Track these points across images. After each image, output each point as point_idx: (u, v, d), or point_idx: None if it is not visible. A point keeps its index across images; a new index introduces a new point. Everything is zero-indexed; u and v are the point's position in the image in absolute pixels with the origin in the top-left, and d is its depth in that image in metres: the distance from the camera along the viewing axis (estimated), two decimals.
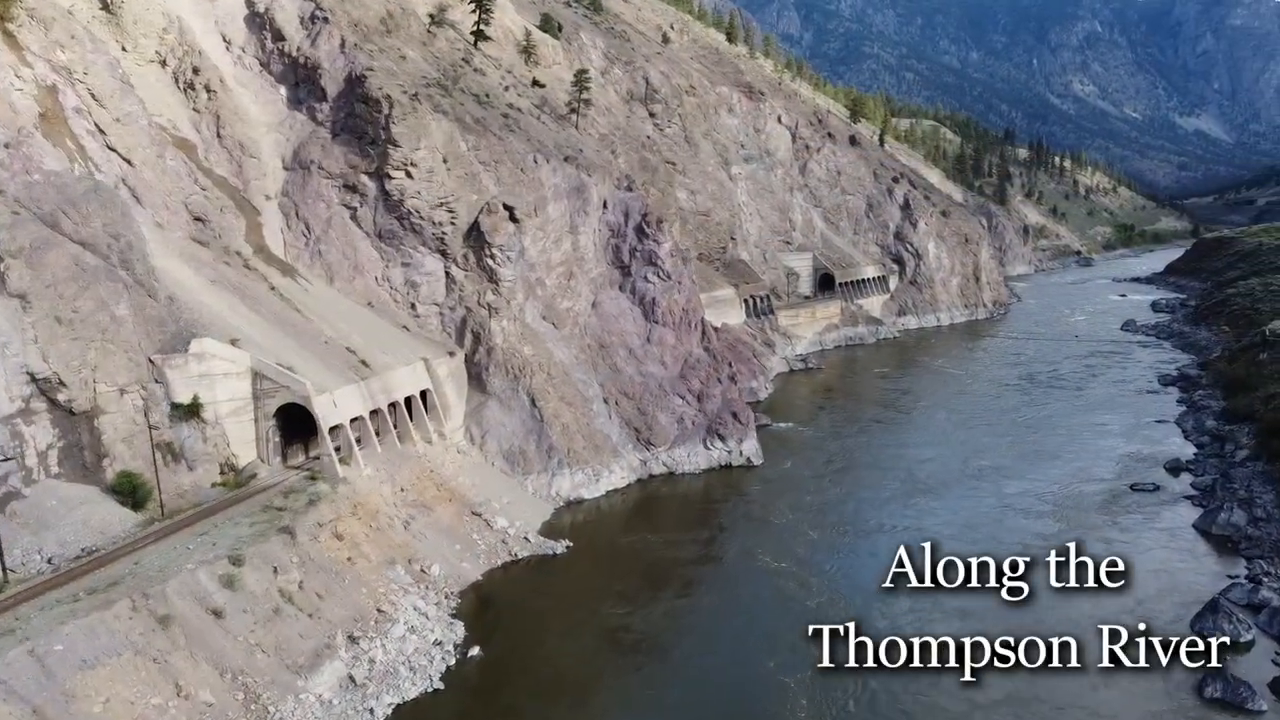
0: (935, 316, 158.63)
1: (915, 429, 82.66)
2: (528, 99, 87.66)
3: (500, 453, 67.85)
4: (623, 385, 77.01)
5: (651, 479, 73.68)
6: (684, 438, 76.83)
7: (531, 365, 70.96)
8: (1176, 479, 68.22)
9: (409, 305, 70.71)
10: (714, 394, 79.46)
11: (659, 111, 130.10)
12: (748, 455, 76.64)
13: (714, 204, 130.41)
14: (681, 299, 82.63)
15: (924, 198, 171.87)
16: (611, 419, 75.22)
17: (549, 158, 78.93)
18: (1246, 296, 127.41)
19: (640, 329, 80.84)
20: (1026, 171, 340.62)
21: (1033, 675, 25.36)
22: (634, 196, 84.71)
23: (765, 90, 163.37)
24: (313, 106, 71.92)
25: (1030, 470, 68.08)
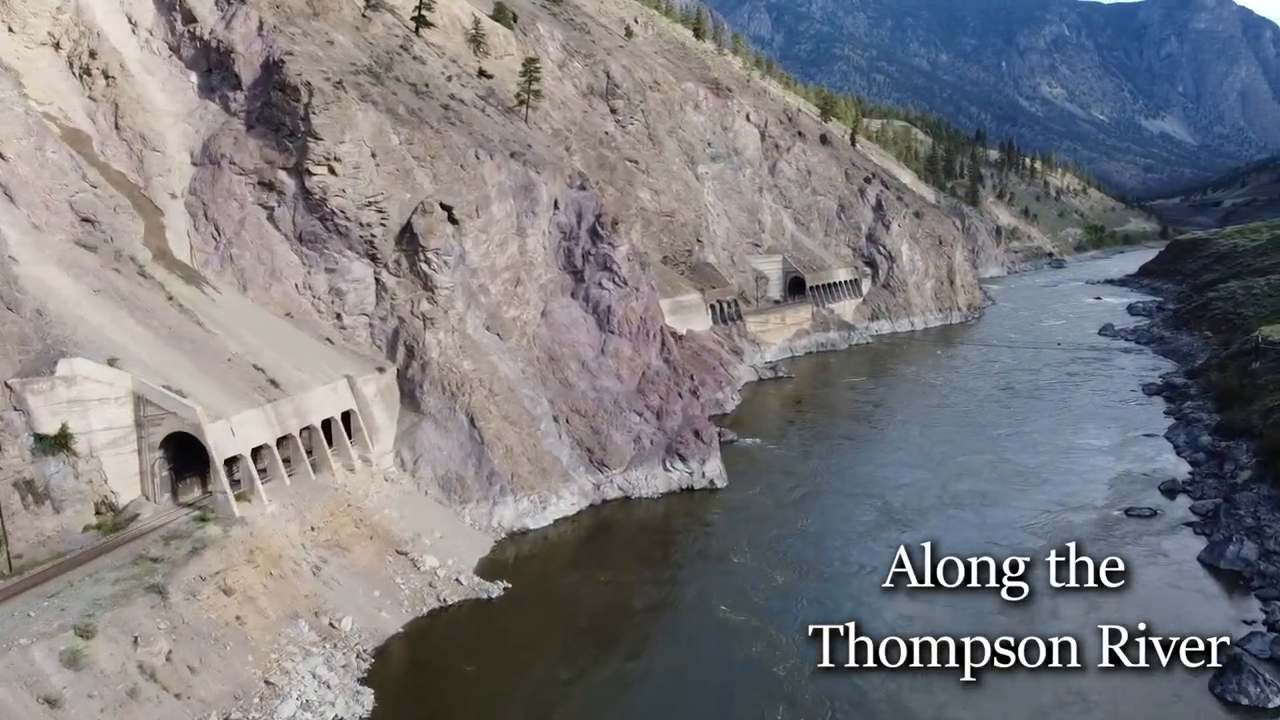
0: (909, 321, 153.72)
1: (889, 448, 76.65)
2: (473, 90, 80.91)
3: (435, 480, 61.03)
4: (574, 401, 70.48)
5: (605, 504, 67.26)
6: (641, 458, 70.45)
7: (471, 381, 64.22)
8: (1173, 502, 62.96)
9: (334, 316, 63.66)
10: (674, 410, 73.14)
11: (621, 107, 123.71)
12: (710, 477, 70.43)
13: (679, 204, 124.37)
14: (639, 306, 76.23)
15: (897, 198, 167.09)
16: (561, 439, 68.65)
17: (493, 153, 72.24)
18: (1228, 300, 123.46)
19: (594, 339, 74.34)
20: (998, 172, 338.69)
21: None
22: (588, 196, 78.22)
23: (733, 87, 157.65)
24: (226, 95, 64.66)
25: (1015, 496, 62.36)
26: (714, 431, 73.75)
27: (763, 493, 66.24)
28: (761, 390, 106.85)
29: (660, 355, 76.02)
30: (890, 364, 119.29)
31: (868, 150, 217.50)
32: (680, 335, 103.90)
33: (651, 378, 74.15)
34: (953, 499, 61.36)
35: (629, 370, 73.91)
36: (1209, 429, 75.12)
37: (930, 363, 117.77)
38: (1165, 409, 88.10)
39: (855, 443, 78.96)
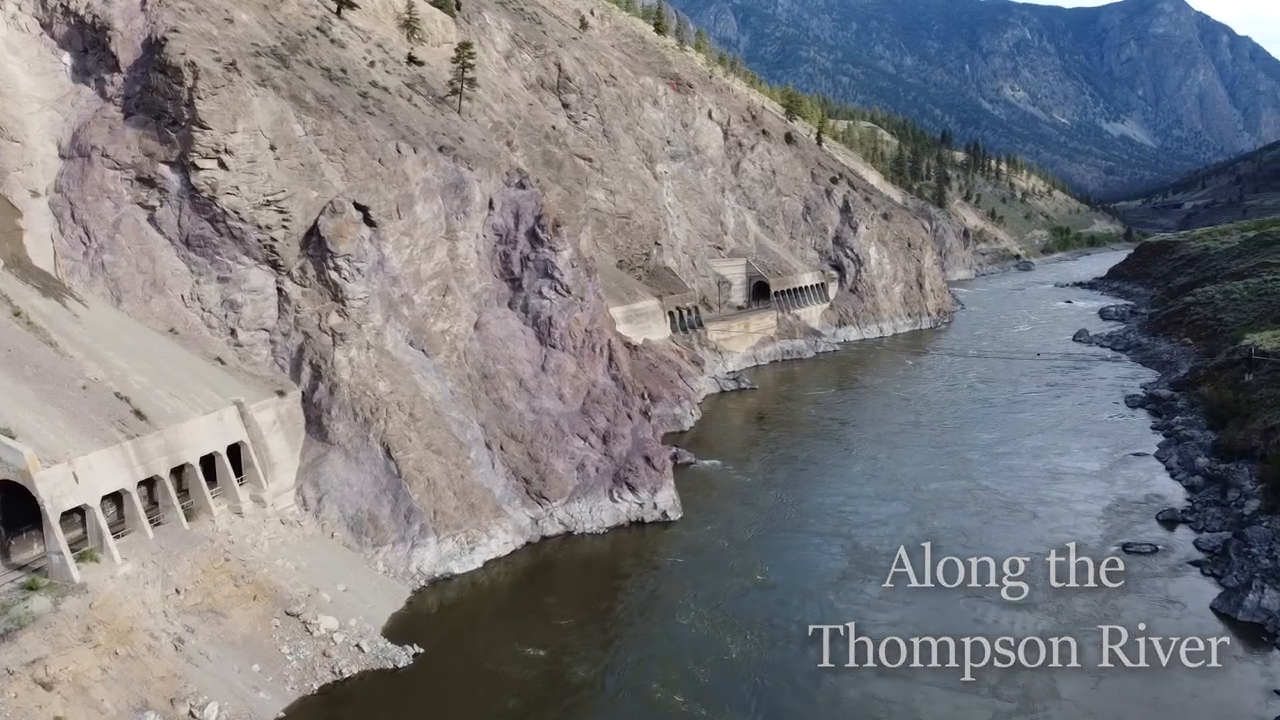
0: (878, 327, 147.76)
1: (858, 474, 69.27)
2: (399, 78, 72.91)
3: (343, 520, 53.02)
4: (510, 425, 62.81)
5: (545, 541, 59.74)
6: (585, 489, 62.97)
7: (388, 405, 56.29)
8: (1173, 534, 56.74)
9: (227, 332, 55.37)
10: (623, 433, 65.73)
11: (573, 102, 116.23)
12: (663, 509, 63.12)
13: (636, 205, 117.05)
14: (584, 317, 68.76)
15: (864, 199, 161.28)
16: (495, 469, 60.95)
17: (418, 146, 64.36)
18: (1206, 305, 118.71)
19: (534, 355, 66.72)
20: (964, 174, 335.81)
21: None
22: (528, 195, 70.58)
23: (694, 83, 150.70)
24: (103, 79, 56.12)
25: (999, 533, 55.45)
26: (667, 457, 66.43)
27: (720, 529, 58.96)
28: (723, 403, 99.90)
29: (608, 372, 68.57)
30: (858, 374, 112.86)
31: (834, 150, 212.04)
32: (635, 346, 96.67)
33: (598, 397, 66.69)
34: (928, 538, 54.02)
35: (572, 389, 66.40)
36: (1204, 448, 69.26)
37: (900, 373, 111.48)
38: (1152, 424, 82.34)
39: (821, 467, 71.86)
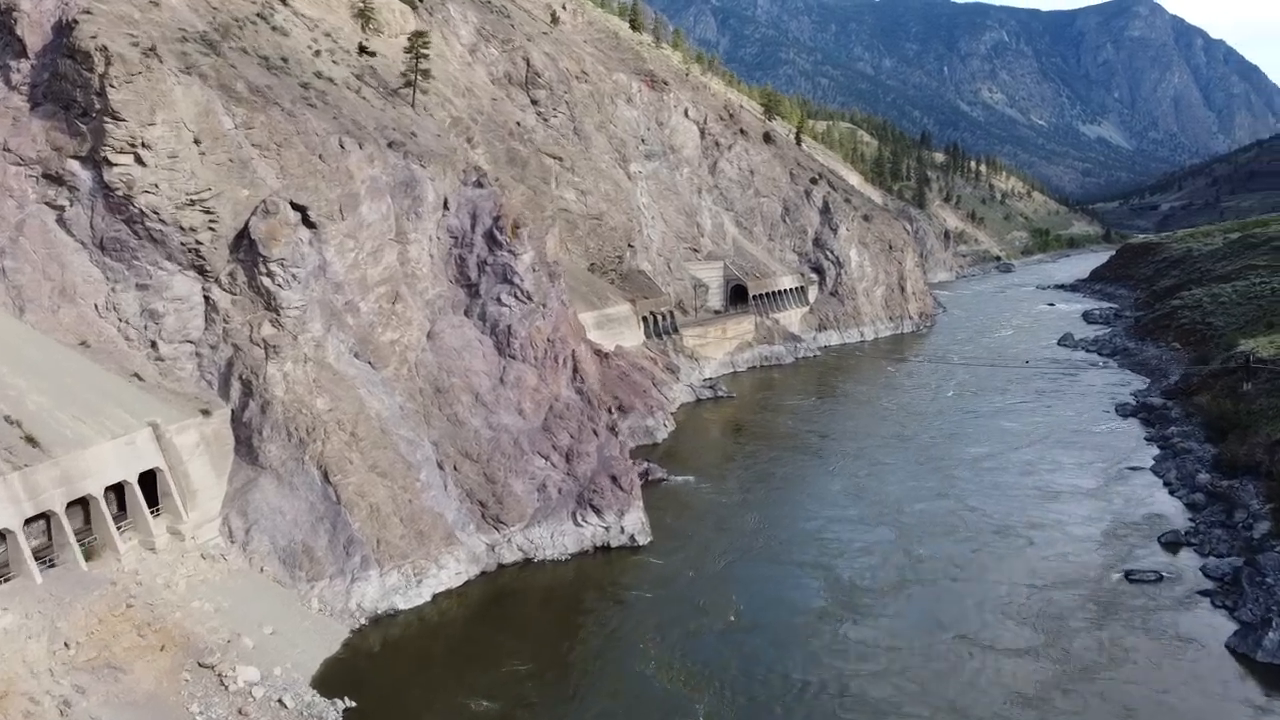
0: (859, 331, 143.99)
1: (839, 494, 64.57)
2: (348, 68, 67.91)
3: (274, 553, 48.01)
4: (465, 444, 58.01)
5: (502, 570, 55.05)
6: (547, 511, 58.26)
7: (327, 423, 51.32)
8: (1177, 558, 52.78)
9: (147, 344, 50.21)
10: (588, 451, 61.05)
11: (543, 99, 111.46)
12: (631, 532, 58.52)
13: (608, 206, 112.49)
14: (547, 326, 64.04)
15: (844, 200, 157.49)
16: (447, 491, 56.12)
17: (364, 142, 59.41)
18: (1194, 309, 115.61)
19: (492, 366, 61.93)
20: (943, 175, 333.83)
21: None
22: (485, 194, 65.79)
23: (670, 80, 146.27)
24: (7, 66, 50.79)
25: (991, 561, 50.98)
26: (635, 477, 61.77)
27: (691, 557, 54.38)
28: (699, 413, 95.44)
29: (572, 384, 63.89)
30: (839, 381, 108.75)
31: (813, 151, 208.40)
32: (606, 353, 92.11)
33: (561, 412, 61.99)
34: (915, 569, 49.72)
35: (533, 403, 61.67)
36: (1204, 463, 65.49)
37: (882, 381, 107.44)
38: (1146, 434, 78.65)
39: (800, 486, 67.35)
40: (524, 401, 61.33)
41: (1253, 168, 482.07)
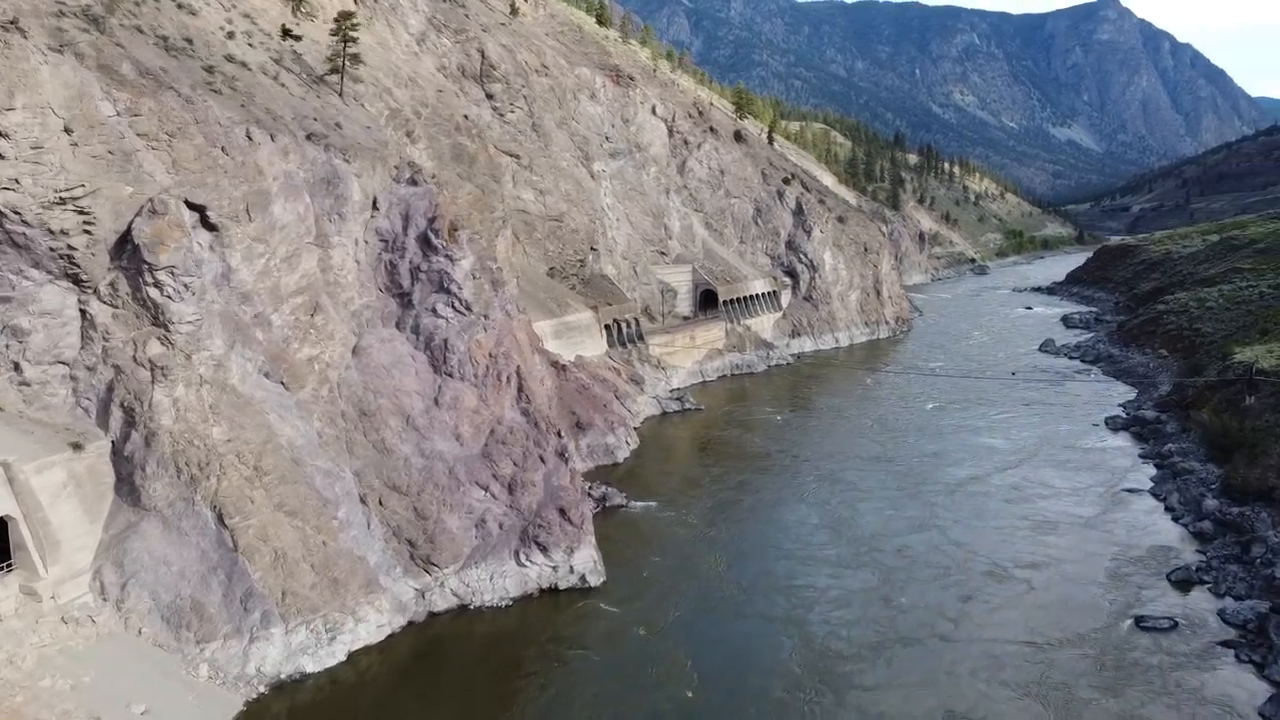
0: (833, 337, 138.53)
1: (813, 528, 57.31)
2: (266, 52, 60.85)
3: (156, 611, 41.04)
4: (393, 474, 51.26)
5: (433, 620, 48.46)
6: (486, 551, 51.67)
7: (224, 456, 44.39)
8: (1189, 598, 47.20)
9: (10, 366, 43.01)
10: (533, 480, 54.50)
11: (498, 92, 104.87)
12: (582, 572, 52.07)
13: (569, 207, 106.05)
14: (489, 339, 57.44)
15: (818, 201, 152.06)
16: (370, 530, 49.36)
17: (277, 133, 52.46)
18: (1180, 314, 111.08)
19: (426, 385, 55.23)
20: (917, 177, 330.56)
21: None
22: (420, 192, 59.07)
23: (636, 76, 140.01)
24: None
25: (984, 616, 43.98)
26: (587, 509, 55.24)
27: (647, 604, 47.92)
28: (665, 428, 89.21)
29: (517, 405, 57.30)
30: (813, 393, 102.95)
31: (786, 150, 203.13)
32: (564, 365, 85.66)
33: (503, 436, 55.40)
34: (898, 625, 43.02)
35: (472, 427, 55.04)
36: (1209, 485, 60.10)
37: (858, 393, 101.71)
38: (1140, 451, 73.36)
39: (770, 517, 60.71)
40: (462, 425, 54.69)
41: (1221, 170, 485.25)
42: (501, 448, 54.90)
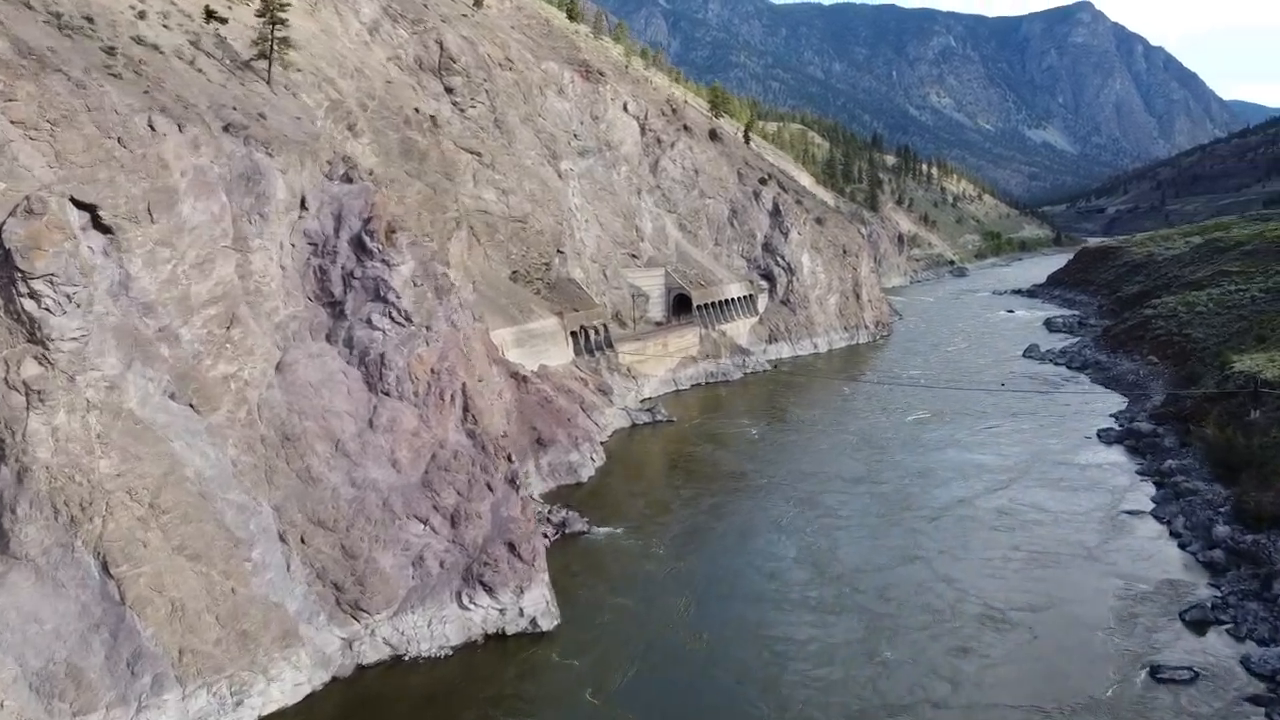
0: (812, 342, 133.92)
1: (790, 564, 50.86)
2: (184, 35, 54.90)
3: (23, 680, 35.01)
4: (318, 507, 45.47)
5: (361, 674, 42.79)
6: (424, 592, 46.03)
7: (112, 493, 38.46)
8: (1208, 642, 42.44)
9: None
10: (479, 511, 48.90)
11: (458, 86, 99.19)
12: (533, 615, 46.57)
13: (534, 207, 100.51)
14: (431, 354, 51.78)
15: (796, 202, 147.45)
16: (290, 573, 43.58)
17: (187, 123, 46.53)
18: (1170, 319, 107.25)
19: (359, 406, 49.48)
20: (895, 178, 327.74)
21: None
22: (355, 190, 53.31)
23: (607, 71, 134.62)
24: None
25: (984, 674, 37.60)
26: (539, 543, 49.70)
27: (602, 655, 42.45)
28: (633, 442, 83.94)
29: (462, 426, 51.67)
30: (791, 403, 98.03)
31: (763, 150, 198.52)
32: (525, 376, 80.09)
33: (446, 462, 49.75)
34: (886, 688, 36.70)
35: (411, 452, 49.35)
36: (1217, 509, 55.50)
37: (838, 404, 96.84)
38: (1137, 467, 68.86)
39: (744, 548, 54.91)
40: (399, 449, 48.98)
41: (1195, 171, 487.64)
42: (444, 475, 49.24)
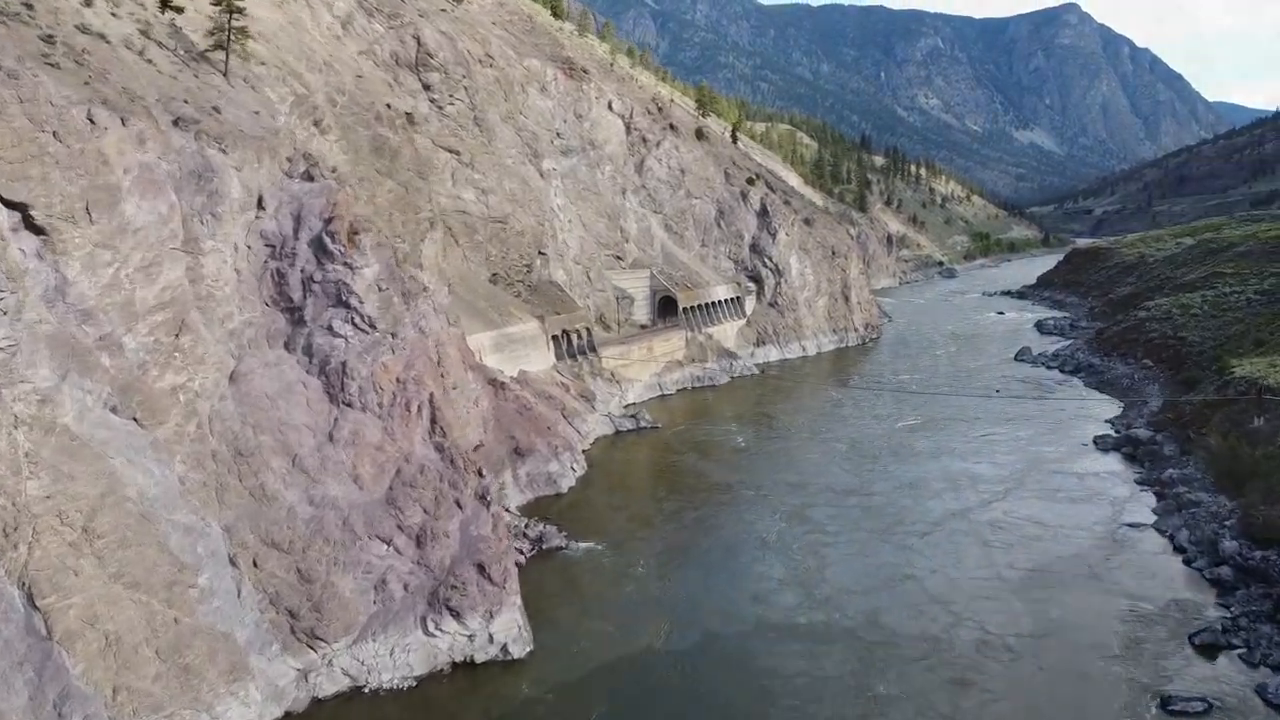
0: (800, 345, 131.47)
1: (777, 584, 47.28)
2: (134, 24, 51.76)
3: None
4: (273, 528, 42.47)
5: (318, 708, 39.89)
6: (387, 618, 43.10)
7: (39, 517, 35.38)
8: (1219, 668, 39.99)
9: None
10: (447, 530, 46.01)
11: (436, 83, 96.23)
12: (503, 641, 43.73)
13: (515, 207, 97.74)
14: (397, 363, 48.86)
15: (784, 203, 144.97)
16: (241, 599, 40.55)
17: (131, 116, 43.46)
18: (1164, 321, 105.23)
19: (319, 418, 46.49)
20: (884, 179, 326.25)
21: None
22: (316, 189, 50.32)
23: (591, 69, 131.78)
24: None
25: (986, 709, 34.32)
26: (511, 564, 46.82)
27: (579, 690, 39.62)
28: (617, 450, 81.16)
29: (429, 439, 48.76)
30: (779, 409, 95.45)
31: (750, 150, 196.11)
32: (503, 383, 77.26)
33: (412, 478, 46.82)
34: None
35: (374, 467, 46.40)
36: (1223, 522, 53.11)
37: (827, 410, 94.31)
38: (1136, 477, 66.51)
39: (729, 566, 51.79)
40: (361, 464, 46.03)
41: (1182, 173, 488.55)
42: (409, 491, 46.31)
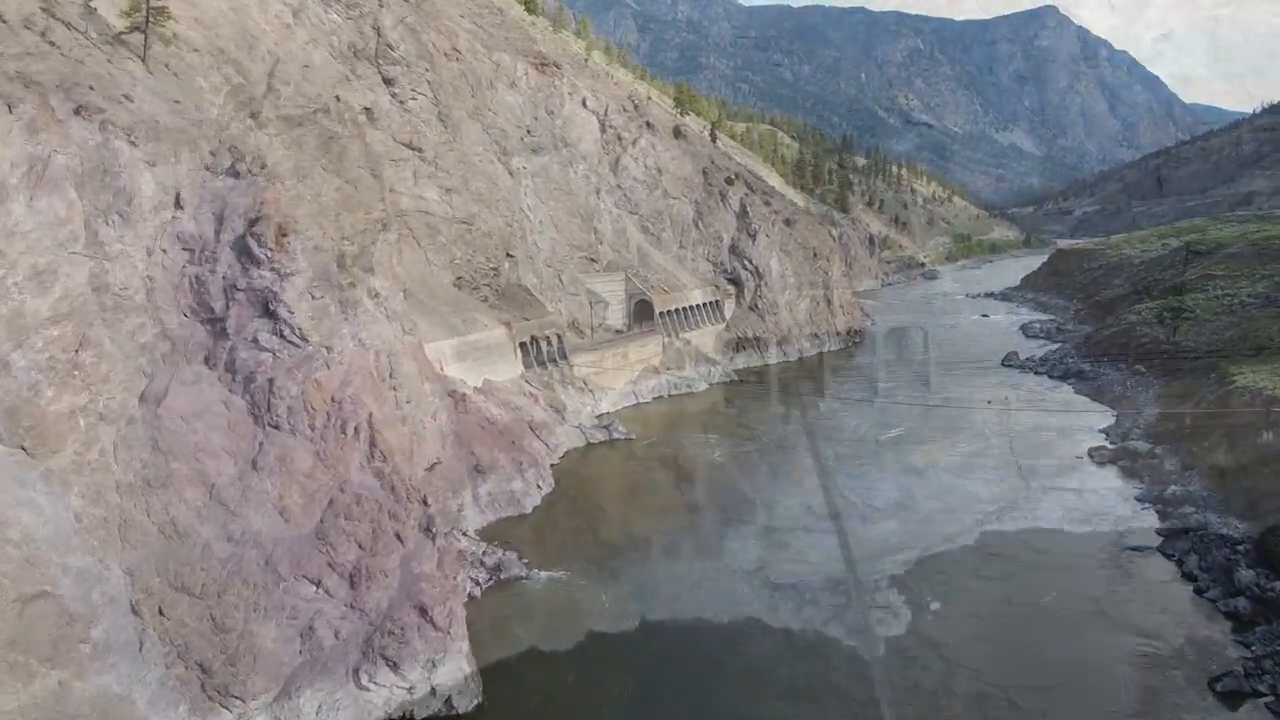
0: (781, 350, 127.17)
1: (758, 629, 42.28)
2: (35, 2, 46.54)
3: None
4: (183, 570, 37.45)
5: None
6: (314, 670, 38.12)
7: None
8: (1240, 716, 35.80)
9: None
10: (384, 568, 41.09)
11: (397, 76, 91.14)
12: (447, 694, 38.96)
13: (481, 208, 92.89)
14: (332, 379, 43.90)
15: (764, 203, 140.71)
16: (143, 654, 35.52)
17: (19, 103, 38.34)
18: (1156, 325, 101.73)
19: (242, 442, 41.48)
20: (865, 180, 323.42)
21: None
22: (241, 186, 45.29)
23: (564, 64, 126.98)
24: None
25: None
26: (458, 605, 41.99)
27: None
28: (588, 463, 76.48)
29: (368, 465, 43.81)
30: (758, 418, 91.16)
31: (730, 150, 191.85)
32: (465, 395, 72.39)
33: (346, 508, 41.86)
34: None
35: (304, 496, 41.42)
36: (1235, 547, 49.14)
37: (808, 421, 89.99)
38: (1136, 493, 62.55)
39: (703, 603, 45.64)
40: (289, 495, 41.05)
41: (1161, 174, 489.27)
42: (343, 524, 41.37)
